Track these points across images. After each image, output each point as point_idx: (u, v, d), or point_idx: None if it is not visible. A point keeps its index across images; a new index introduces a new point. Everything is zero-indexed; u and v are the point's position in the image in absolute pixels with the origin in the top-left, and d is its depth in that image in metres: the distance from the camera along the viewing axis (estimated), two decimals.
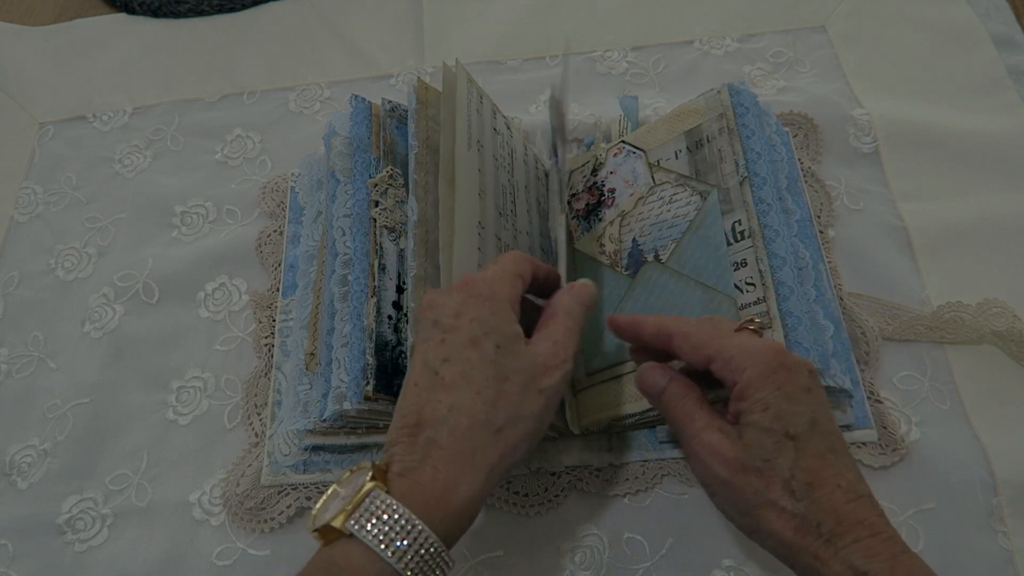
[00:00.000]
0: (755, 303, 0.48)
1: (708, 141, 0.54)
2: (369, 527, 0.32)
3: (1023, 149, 0.63)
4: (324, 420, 0.49)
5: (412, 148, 0.51)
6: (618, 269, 0.55)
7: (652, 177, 0.57)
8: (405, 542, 0.32)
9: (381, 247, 0.51)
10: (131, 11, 0.84)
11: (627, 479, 0.52)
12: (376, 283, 0.50)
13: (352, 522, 0.32)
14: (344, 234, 0.53)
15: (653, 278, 0.53)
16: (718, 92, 0.55)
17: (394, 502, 0.32)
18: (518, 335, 0.37)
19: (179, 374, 0.61)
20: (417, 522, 0.32)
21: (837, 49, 0.72)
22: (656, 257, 0.53)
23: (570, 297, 0.41)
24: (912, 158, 0.64)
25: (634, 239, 0.55)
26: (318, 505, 0.35)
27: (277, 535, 0.53)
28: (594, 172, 0.61)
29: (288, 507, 0.53)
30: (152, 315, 0.64)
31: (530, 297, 0.45)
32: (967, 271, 0.58)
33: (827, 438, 0.36)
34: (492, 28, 0.78)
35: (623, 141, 0.60)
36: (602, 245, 0.57)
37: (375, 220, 0.52)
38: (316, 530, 0.34)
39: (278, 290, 0.62)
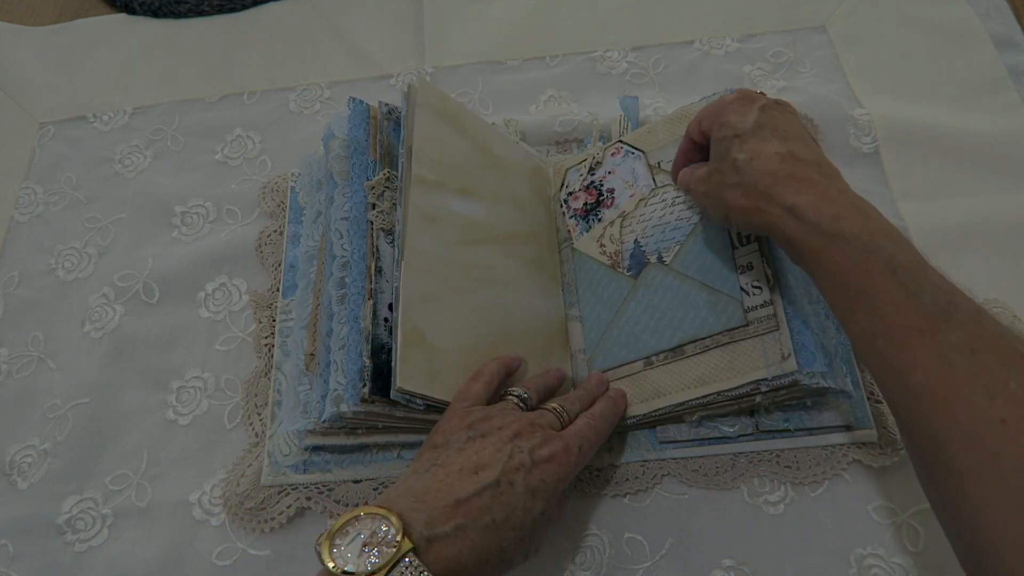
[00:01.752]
0: (762, 305, 0.48)
1: None
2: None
3: (1023, 149, 0.63)
4: (323, 422, 0.49)
5: (400, 156, 0.51)
6: (619, 270, 0.55)
7: (653, 179, 0.57)
8: None
9: (378, 250, 0.51)
10: (131, 11, 0.84)
11: (627, 479, 0.52)
12: (373, 286, 0.50)
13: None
14: (341, 237, 0.53)
15: (657, 280, 0.53)
16: (720, 96, 0.55)
17: (420, 567, 0.36)
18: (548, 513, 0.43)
19: (179, 374, 0.61)
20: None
21: (837, 49, 0.72)
22: (659, 259, 0.53)
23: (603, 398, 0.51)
24: (912, 158, 0.64)
25: (636, 240, 0.55)
26: (330, 538, 0.37)
27: (277, 535, 0.53)
28: (591, 171, 0.61)
29: (288, 507, 0.53)
30: (152, 315, 0.64)
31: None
32: (967, 271, 0.58)
33: (776, 132, 0.44)
34: (492, 28, 0.78)
35: (621, 141, 0.60)
36: (603, 246, 0.57)
37: (372, 223, 0.52)
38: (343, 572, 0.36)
39: (278, 290, 0.62)
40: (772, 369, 0.46)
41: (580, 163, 0.62)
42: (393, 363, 0.46)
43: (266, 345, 0.61)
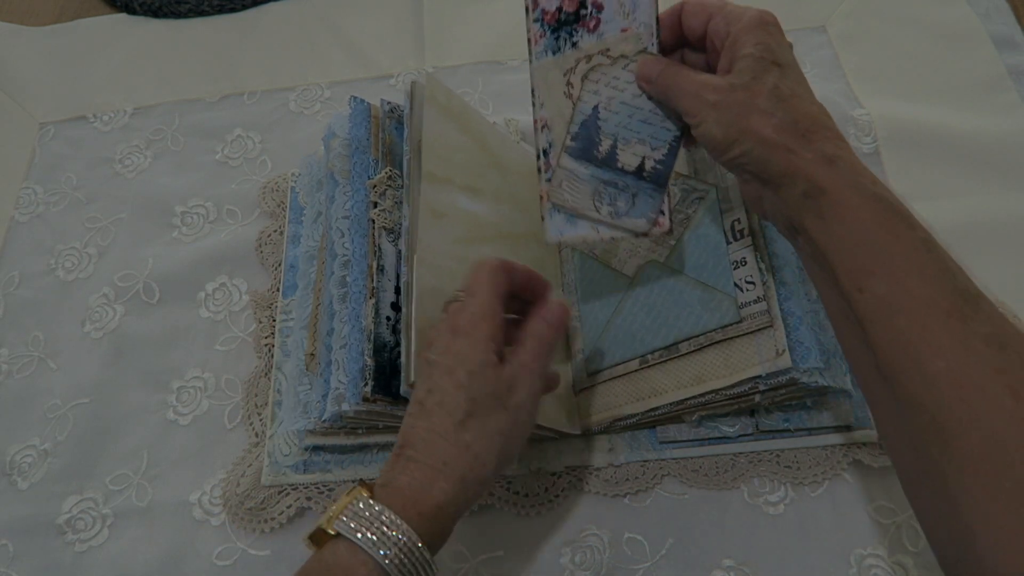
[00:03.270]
0: (755, 301, 0.48)
1: None
2: (352, 524, 0.36)
3: (1023, 149, 0.63)
4: (324, 421, 0.49)
5: (405, 153, 0.51)
6: (569, 127, 0.45)
7: (656, 26, 0.44)
8: (382, 531, 0.36)
9: (380, 248, 0.51)
10: (131, 11, 0.84)
11: (627, 479, 0.52)
12: (374, 284, 0.50)
13: (337, 523, 0.37)
14: (343, 235, 0.53)
15: (653, 277, 0.53)
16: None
17: (374, 502, 0.37)
18: (488, 362, 0.41)
19: (179, 374, 0.61)
20: (392, 516, 0.36)
21: (837, 49, 0.72)
22: (612, 148, 0.45)
23: (539, 321, 0.44)
24: (912, 158, 0.64)
25: (596, 107, 0.45)
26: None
27: (277, 535, 0.53)
28: None
29: (288, 507, 0.53)
30: (152, 315, 0.64)
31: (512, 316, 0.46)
32: (968, 271, 0.58)
33: (801, 76, 0.41)
34: (492, 28, 0.78)
35: None
36: (570, 85, 0.45)
37: (373, 221, 0.52)
38: (308, 538, 0.37)
39: (278, 290, 0.62)
40: (767, 366, 0.46)
41: None
42: (403, 359, 0.46)
43: (266, 345, 0.61)
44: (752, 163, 0.40)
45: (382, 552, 0.35)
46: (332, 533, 0.36)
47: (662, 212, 0.45)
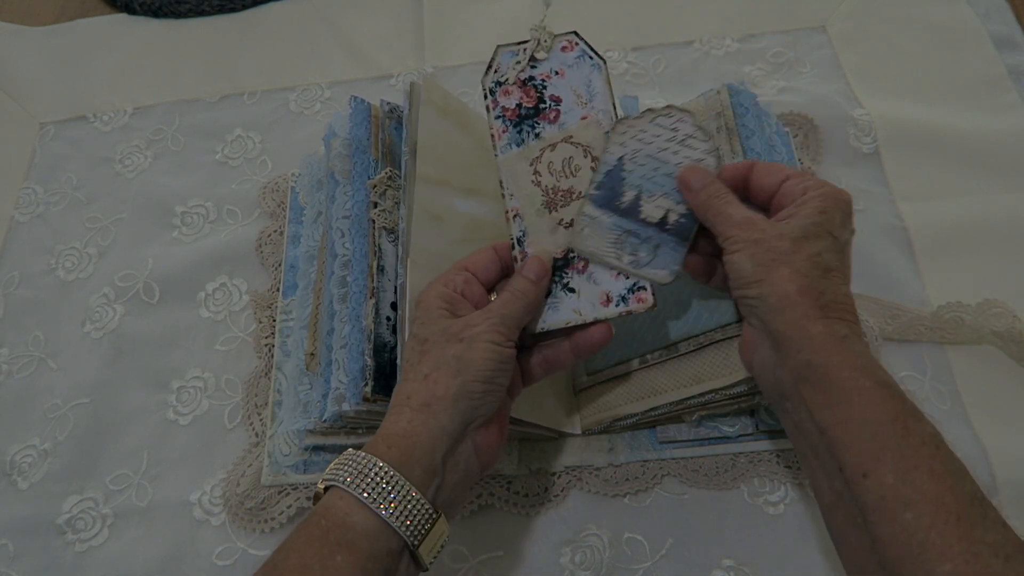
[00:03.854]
0: None
1: None
2: (331, 473, 0.39)
3: (1023, 149, 0.63)
4: (324, 421, 0.49)
5: (404, 154, 0.51)
6: (555, 211, 0.46)
7: (614, 107, 0.46)
8: (347, 464, 0.38)
9: (380, 248, 0.51)
10: (131, 11, 0.84)
11: (627, 479, 0.52)
12: (375, 284, 0.50)
13: (323, 478, 0.39)
14: (343, 235, 0.53)
15: None
16: (717, 92, 0.55)
17: (354, 451, 0.39)
18: (438, 312, 0.43)
19: (179, 374, 0.61)
20: (360, 452, 0.39)
21: (837, 49, 0.72)
22: (636, 200, 0.45)
23: (516, 274, 0.45)
24: (912, 158, 0.64)
25: (622, 159, 0.45)
26: None
27: (278, 535, 0.53)
28: (532, 62, 0.47)
29: (288, 507, 0.53)
30: (152, 315, 0.64)
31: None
32: (967, 271, 0.58)
33: (847, 261, 0.41)
34: (492, 28, 0.78)
35: (575, 33, 0.48)
36: (538, 174, 0.46)
37: (374, 221, 0.52)
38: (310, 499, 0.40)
39: (278, 290, 0.62)
40: None
41: (519, 45, 0.48)
42: (399, 360, 0.46)
43: (266, 345, 0.61)
44: (764, 310, 0.40)
45: (348, 480, 0.38)
46: (322, 488, 0.39)
47: (646, 287, 0.45)
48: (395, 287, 0.51)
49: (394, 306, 0.50)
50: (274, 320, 0.61)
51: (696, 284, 0.50)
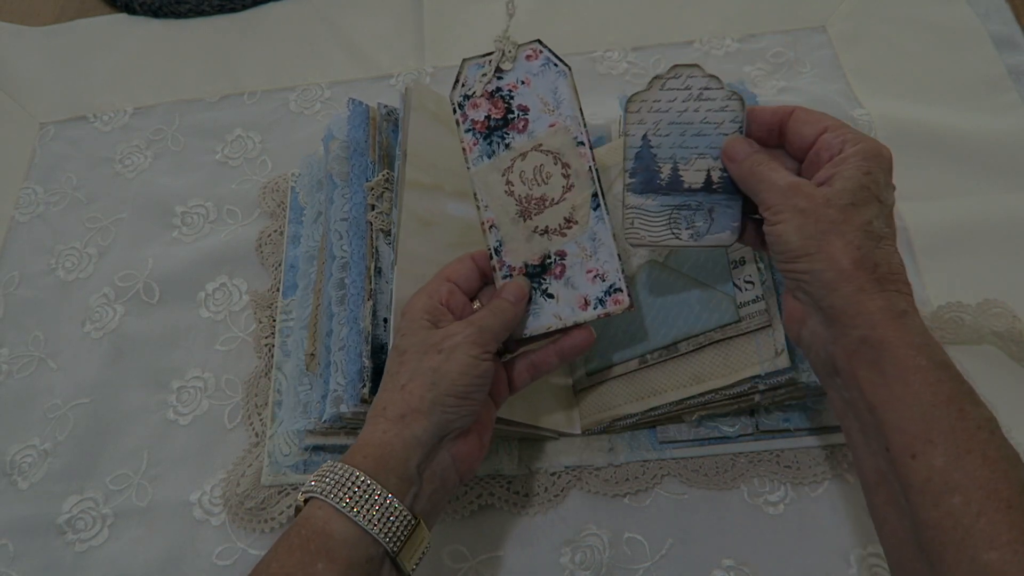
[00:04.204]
0: (754, 301, 0.48)
1: None
2: (311, 483, 0.39)
3: (1023, 149, 0.63)
4: (323, 422, 0.49)
5: (398, 158, 0.52)
6: (531, 219, 0.46)
7: (581, 114, 0.46)
8: (325, 476, 0.39)
9: (377, 251, 0.51)
10: (132, 11, 0.84)
11: (627, 479, 0.52)
12: (372, 287, 0.50)
13: (305, 488, 0.40)
14: (341, 238, 0.53)
15: (652, 277, 0.53)
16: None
17: (332, 463, 0.40)
18: (419, 324, 0.44)
19: (179, 374, 0.61)
20: (337, 463, 0.39)
21: (837, 49, 0.72)
22: (674, 170, 0.44)
23: (497, 295, 0.46)
24: (912, 158, 0.64)
25: (646, 136, 0.44)
26: None
27: (278, 535, 0.52)
28: (498, 73, 0.47)
29: (288, 507, 0.53)
30: (152, 315, 0.64)
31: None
32: (967, 271, 0.58)
33: (893, 224, 0.40)
34: (492, 28, 0.78)
35: (539, 42, 0.47)
36: (510, 184, 0.46)
37: (371, 224, 0.52)
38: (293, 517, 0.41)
39: (278, 290, 0.62)
40: (765, 365, 0.46)
41: (484, 57, 0.48)
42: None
43: (266, 345, 0.61)
44: (816, 285, 0.38)
45: (326, 490, 0.38)
46: (302, 500, 0.40)
47: (622, 288, 0.45)
48: (391, 290, 0.51)
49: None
50: (274, 320, 0.61)
51: (696, 284, 0.51)
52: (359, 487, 0.38)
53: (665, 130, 0.44)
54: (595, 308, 0.45)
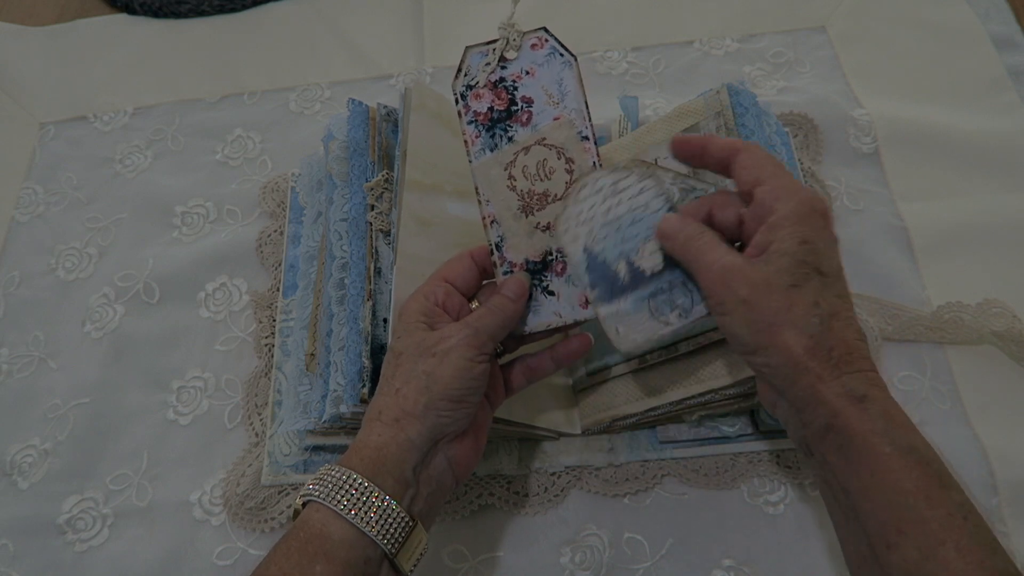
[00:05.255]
0: None
1: None
2: (309, 487, 0.40)
3: (1023, 149, 0.63)
4: (323, 422, 0.49)
5: (397, 158, 0.52)
6: (532, 216, 0.45)
7: (587, 107, 0.45)
8: (323, 478, 0.39)
9: (377, 251, 0.51)
10: (132, 11, 0.84)
11: (627, 479, 0.52)
12: (372, 287, 0.50)
13: (303, 492, 0.40)
14: (341, 238, 0.53)
15: None
16: (716, 92, 0.55)
17: (329, 466, 0.40)
18: (415, 326, 0.43)
19: (179, 374, 0.61)
20: (334, 466, 0.40)
21: (837, 49, 0.72)
22: (629, 263, 0.43)
23: (496, 292, 0.45)
24: (912, 158, 0.64)
25: (585, 248, 0.43)
26: None
27: (278, 535, 0.53)
28: (502, 63, 0.46)
29: (288, 507, 0.53)
30: (152, 315, 0.64)
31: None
32: (967, 271, 0.58)
33: (844, 289, 0.38)
34: (492, 28, 0.78)
35: (545, 29, 0.46)
36: (512, 179, 0.46)
37: (371, 224, 0.52)
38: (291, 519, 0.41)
39: (278, 290, 0.62)
40: None
41: (488, 45, 0.46)
42: None
43: (266, 345, 0.61)
44: (776, 378, 0.37)
45: (323, 493, 0.39)
46: (300, 504, 0.40)
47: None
48: (391, 290, 0.51)
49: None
50: (274, 320, 0.61)
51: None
52: (356, 489, 0.38)
53: (601, 233, 0.43)
54: None
